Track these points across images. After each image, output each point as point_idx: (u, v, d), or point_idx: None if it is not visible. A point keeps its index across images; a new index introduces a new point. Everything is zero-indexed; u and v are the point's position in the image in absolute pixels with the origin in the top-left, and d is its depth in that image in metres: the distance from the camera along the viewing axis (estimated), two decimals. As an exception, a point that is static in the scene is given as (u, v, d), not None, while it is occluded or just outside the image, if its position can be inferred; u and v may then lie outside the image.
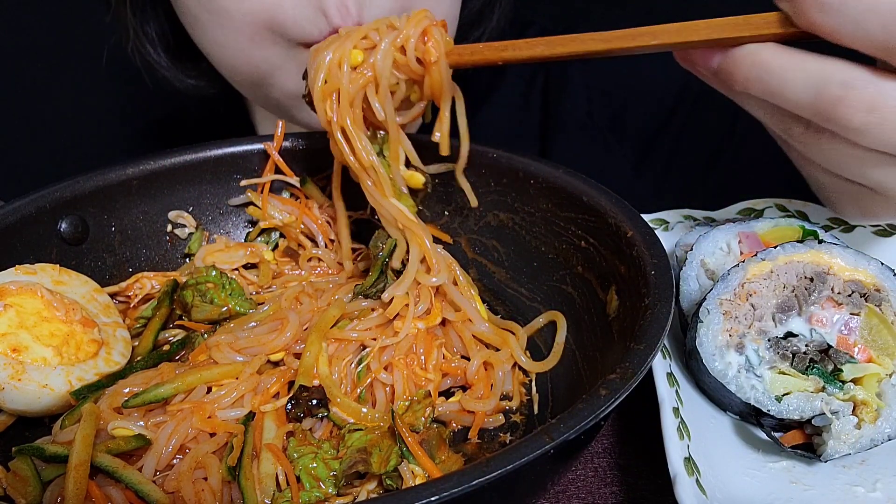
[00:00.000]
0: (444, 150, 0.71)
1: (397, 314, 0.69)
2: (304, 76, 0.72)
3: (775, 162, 0.69)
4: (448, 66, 0.67)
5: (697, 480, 0.55)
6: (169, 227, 0.84)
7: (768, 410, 0.60)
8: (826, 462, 0.59)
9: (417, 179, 0.73)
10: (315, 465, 0.57)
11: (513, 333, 0.72)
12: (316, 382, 0.63)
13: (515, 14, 1.09)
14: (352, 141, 0.69)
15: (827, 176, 0.59)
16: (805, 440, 0.61)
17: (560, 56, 0.63)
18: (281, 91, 0.88)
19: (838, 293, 0.63)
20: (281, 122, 0.85)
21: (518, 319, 0.75)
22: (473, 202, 0.76)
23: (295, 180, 0.85)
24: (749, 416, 0.63)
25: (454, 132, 0.73)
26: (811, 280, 0.64)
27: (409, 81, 0.69)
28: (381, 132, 0.72)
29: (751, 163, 1.07)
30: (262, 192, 0.85)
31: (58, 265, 0.73)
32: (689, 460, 0.56)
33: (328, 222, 0.84)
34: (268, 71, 0.86)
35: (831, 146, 0.55)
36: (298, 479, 0.56)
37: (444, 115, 0.70)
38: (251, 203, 0.85)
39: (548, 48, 0.63)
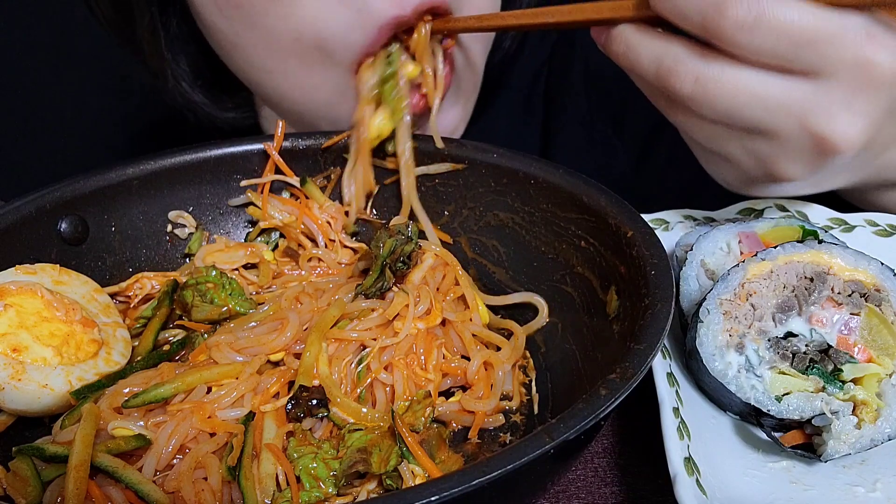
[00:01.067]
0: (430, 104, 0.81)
1: (397, 314, 0.69)
2: None
3: None
4: (430, 29, 0.78)
5: (697, 480, 0.55)
6: (169, 227, 0.84)
7: (768, 410, 0.60)
8: (826, 462, 0.59)
9: None
10: (315, 465, 0.57)
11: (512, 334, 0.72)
12: (316, 382, 0.63)
13: None
14: None
15: (697, 147, 0.69)
16: (805, 440, 0.61)
17: (514, 27, 0.82)
18: (333, 126, 0.85)
19: (838, 293, 0.63)
20: (281, 122, 0.85)
21: (518, 319, 0.75)
22: (439, 143, 0.81)
23: (295, 180, 0.85)
24: (749, 416, 0.63)
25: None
26: (811, 280, 0.64)
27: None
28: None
29: None
30: (262, 192, 0.85)
31: (58, 265, 0.73)
32: (689, 460, 0.56)
33: (328, 222, 0.84)
34: (321, 101, 0.83)
35: (684, 118, 0.63)
36: (298, 479, 0.56)
37: (427, 72, 0.80)
38: (251, 203, 0.85)
39: (515, 19, 0.76)
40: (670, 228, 0.82)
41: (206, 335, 0.71)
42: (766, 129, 0.59)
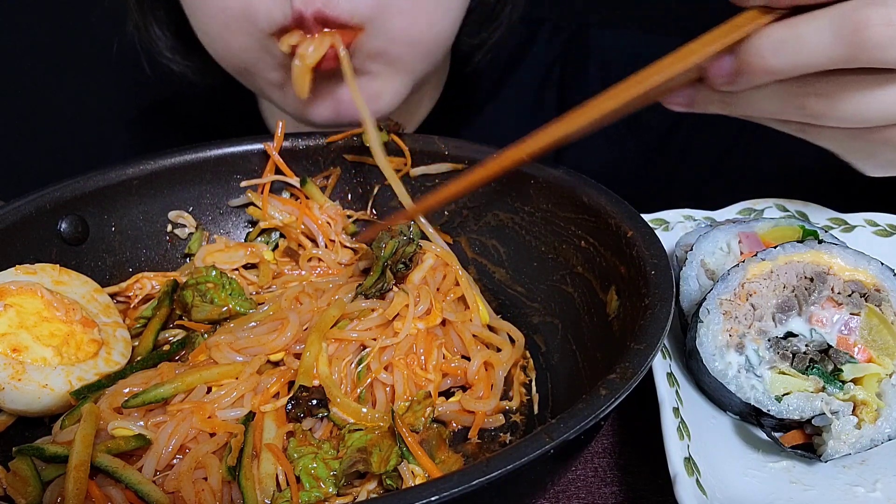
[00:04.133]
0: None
1: (397, 314, 0.69)
2: None
3: (779, 162, 0.70)
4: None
5: (697, 480, 0.55)
6: (169, 227, 0.84)
7: (768, 410, 0.60)
8: (826, 462, 0.59)
9: None
10: (315, 465, 0.57)
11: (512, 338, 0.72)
12: (316, 382, 0.63)
13: (527, 12, 1.09)
14: None
15: (857, 136, 0.62)
16: (805, 440, 0.61)
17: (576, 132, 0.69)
18: (265, 81, 0.89)
19: (838, 293, 0.63)
20: (281, 123, 0.85)
21: (518, 319, 0.75)
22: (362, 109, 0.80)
23: (295, 180, 0.85)
24: (749, 416, 0.63)
25: (457, 133, 0.73)
26: (811, 280, 0.64)
27: None
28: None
29: (760, 163, 1.07)
30: (262, 192, 0.85)
31: (58, 265, 0.73)
32: (689, 460, 0.56)
33: (328, 222, 0.84)
34: (248, 60, 0.86)
35: (857, 96, 0.57)
36: (298, 479, 0.56)
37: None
38: (251, 203, 0.85)
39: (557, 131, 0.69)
40: (670, 228, 0.82)
41: (206, 335, 0.71)
42: None
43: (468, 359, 0.69)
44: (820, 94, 0.59)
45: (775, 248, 0.66)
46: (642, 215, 0.67)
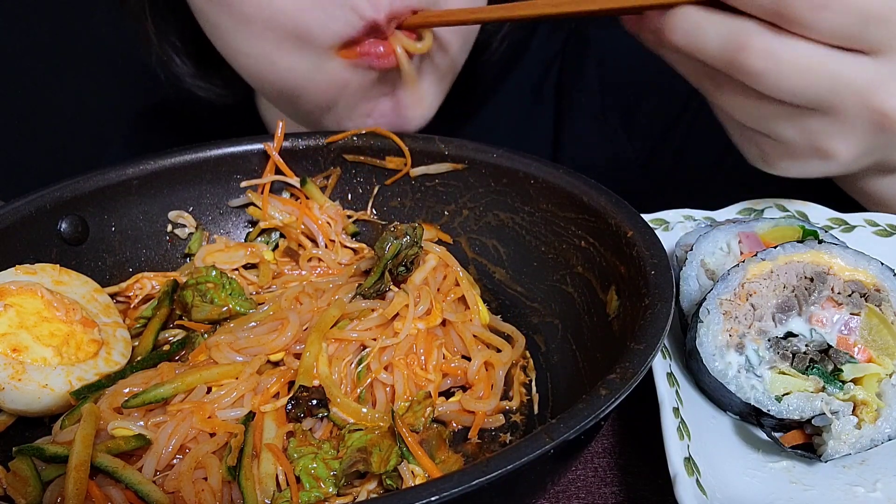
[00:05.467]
0: None
1: (397, 314, 0.69)
2: None
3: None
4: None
5: (697, 480, 0.55)
6: (169, 227, 0.84)
7: (768, 410, 0.60)
8: (826, 462, 0.59)
9: None
10: (315, 465, 0.57)
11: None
12: (316, 382, 0.63)
13: None
14: None
15: (738, 127, 0.69)
16: (805, 440, 0.61)
17: (518, 18, 0.75)
18: (311, 103, 0.86)
19: (838, 293, 0.63)
20: (281, 123, 0.85)
21: (518, 319, 0.75)
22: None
23: (295, 180, 0.85)
24: (749, 416, 0.63)
25: (456, 131, 0.73)
26: (811, 280, 0.64)
27: None
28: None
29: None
30: (262, 192, 0.85)
31: (58, 265, 0.73)
32: (689, 460, 0.56)
33: (328, 223, 0.85)
34: (295, 82, 0.84)
35: (739, 98, 0.64)
36: (298, 479, 0.56)
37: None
38: (251, 203, 0.85)
39: (507, 11, 0.74)
40: (670, 228, 0.82)
41: (206, 335, 0.71)
42: (829, 105, 0.60)
43: (468, 359, 0.69)
44: (711, 78, 0.65)
45: (775, 248, 0.66)
46: (642, 215, 0.67)
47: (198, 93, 1.03)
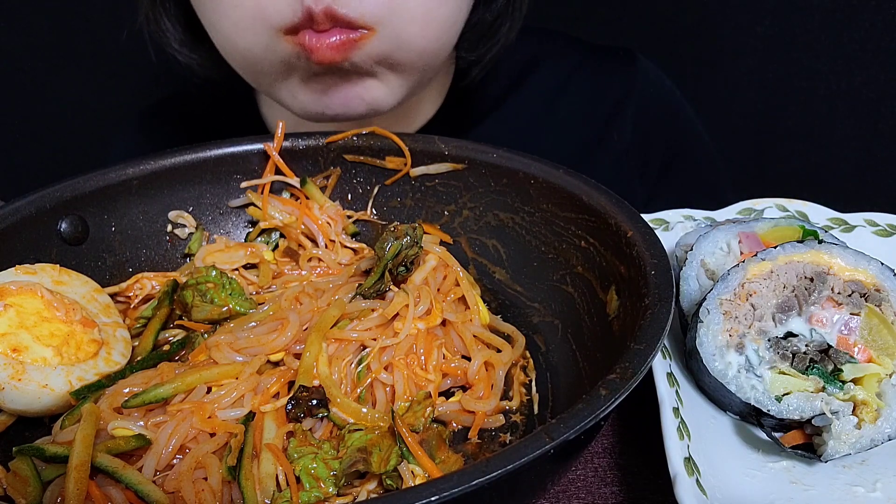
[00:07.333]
0: None
1: (397, 314, 0.69)
2: None
3: (779, 162, 0.71)
4: None
5: (697, 480, 0.55)
6: (169, 227, 0.84)
7: (768, 410, 0.60)
8: (826, 462, 0.59)
9: None
10: (315, 465, 0.57)
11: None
12: (316, 382, 0.63)
13: (539, 25, 1.10)
14: None
15: None
16: (805, 440, 0.61)
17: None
18: (269, 76, 0.89)
19: (838, 293, 0.63)
20: (281, 123, 0.85)
21: (518, 319, 0.75)
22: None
23: (295, 180, 0.85)
24: (749, 416, 0.63)
25: (460, 133, 0.73)
26: (811, 280, 0.64)
27: None
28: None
29: (760, 163, 1.08)
30: (262, 192, 0.85)
31: (58, 265, 0.73)
32: (689, 460, 0.56)
33: (328, 223, 0.85)
34: (254, 58, 0.86)
35: None
36: (298, 479, 0.56)
37: None
38: (251, 203, 0.85)
39: None
40: (670, 228, 0.82)
41: (206, 335, 0.71)
42: None
43: (468, 359, 0.69)
44: None
45: (775, 248, 0.66)
46: (642, 215, 0.67)
47: (180, 59, 1.05)
